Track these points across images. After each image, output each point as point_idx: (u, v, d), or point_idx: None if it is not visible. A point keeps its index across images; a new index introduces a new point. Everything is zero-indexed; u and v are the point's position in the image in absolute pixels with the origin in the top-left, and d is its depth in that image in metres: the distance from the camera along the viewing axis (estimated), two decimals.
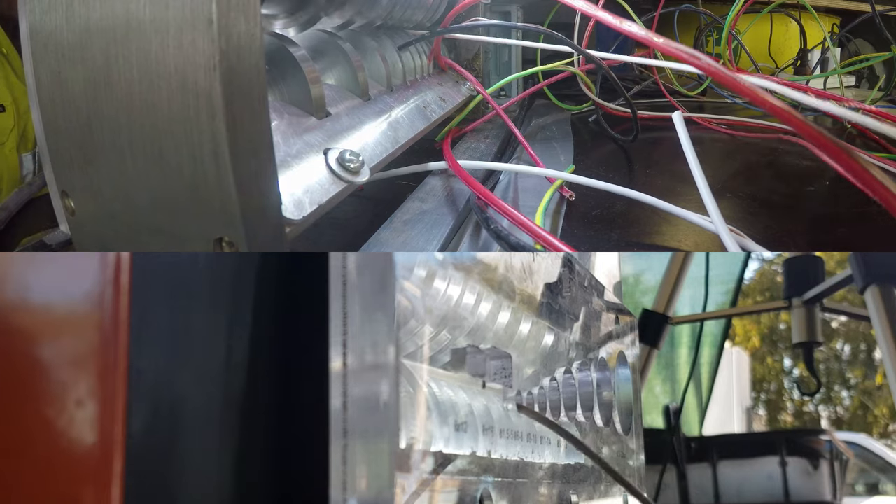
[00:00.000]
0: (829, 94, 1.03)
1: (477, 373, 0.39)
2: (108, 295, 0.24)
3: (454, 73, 0.87)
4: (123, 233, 0.33)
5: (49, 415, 0.24)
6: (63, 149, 0.33)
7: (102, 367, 0.24)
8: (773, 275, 1.49)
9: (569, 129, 0.98)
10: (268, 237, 0.32)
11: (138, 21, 0.28)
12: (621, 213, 0.59)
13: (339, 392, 0.29)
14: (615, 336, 0.66)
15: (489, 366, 0.39)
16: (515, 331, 0.47)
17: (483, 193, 0.54)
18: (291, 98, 0.47)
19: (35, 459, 0.24)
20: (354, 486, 0.29)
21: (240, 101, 0.28)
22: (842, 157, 0.23)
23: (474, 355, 0.39)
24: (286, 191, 0.36)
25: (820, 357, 5.01)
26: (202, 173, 0.29)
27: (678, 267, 1.32)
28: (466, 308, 0.40)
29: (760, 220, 0.61)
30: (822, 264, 1.25)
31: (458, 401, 0.37)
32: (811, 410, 5.86)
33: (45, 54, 0.31)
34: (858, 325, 5.06)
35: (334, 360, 0.30)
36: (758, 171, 0.82)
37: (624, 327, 0.70)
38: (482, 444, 0.38)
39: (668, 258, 1.34)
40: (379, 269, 0.30)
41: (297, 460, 0.31)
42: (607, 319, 0.65)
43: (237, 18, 0.27)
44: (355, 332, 0.30)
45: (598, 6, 0.38)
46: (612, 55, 0.83)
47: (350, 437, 0.29)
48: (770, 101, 0.27)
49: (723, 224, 0.43)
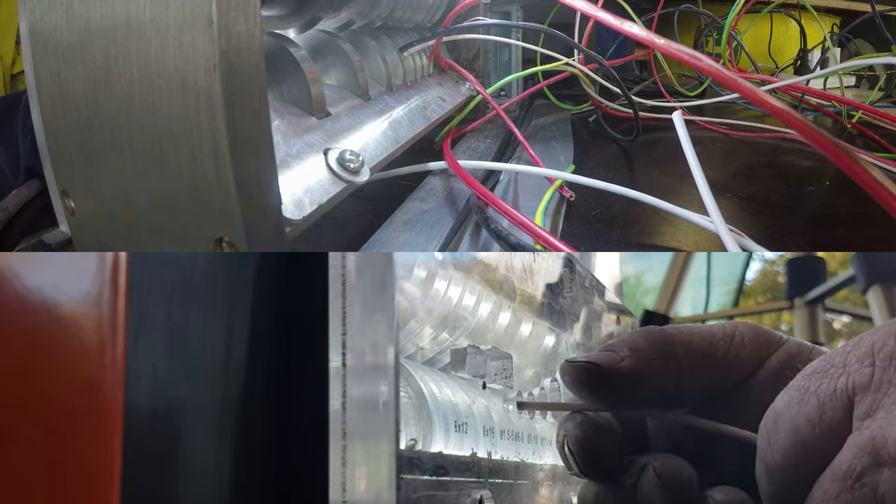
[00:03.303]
0: (829, 95, 1.03)
1: (477, 373, 0.39)
2: (105, 295, 0.24)
3: (454, 73, 0.87)
4: (123, 233, 0.33)
5: (48, 415, 0.24)
6: (63, 149, 0.33)
7: (100, 368, 0.24)
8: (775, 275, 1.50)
9: (569, 129, 0.98)
10: (268, 237, 0.32)
11: (138, 21, 0.28)
12: (621, 213, 0.59)
13: (338, 393, 0.29)
14: (616, 337, 0.66)
15: (490, 366, 0.39)
16: (516, 331, 0.47)
17: (483, 193, 0.54)
18: (291, 98, 0.47)
19: (34, 459, 0.24)
20: (353, 487, 0.29)
21: (240, 101, 0.28)
22: (842, 158, 0.23)
23: (475, 356, 0.39)
24: (286, 191, 0.36)
25: None
26: (202, 173, 0.29)
27: (680, 267, 1.32)
28: (467, 308, 0.40)
29: (760, 220, 0.60)
30: (825, 265, 1.25)
31: (458, 401, 0.37)
32: None
33: (45, 54, 0.31)
34: (861, 326, 5.05)
35: (333, 361, 0.30)
36: (758, 171, 0.82)
37: (625, 328, 0.70)
38: (483, 445, 0.38)
39: (669, 259, 1.34)
40: (379, 270, 0.30)
41: (296, 461, 0.31)
42: (608, 320, 0.65)
43: (237, 18, 0.27)
44: (355, 332, 0.30)
45: (597, 6, 0.38)
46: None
47: (349, 438, 0.29)
48: (770, 102, 0.26)
49: (723, 224, 0.43)
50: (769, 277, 1.68)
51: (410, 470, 0.29)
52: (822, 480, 0.18)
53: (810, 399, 0.19)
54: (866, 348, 0.19)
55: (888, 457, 0.17)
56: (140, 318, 0.25)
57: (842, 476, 0.17)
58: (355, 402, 0.29)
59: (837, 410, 0.18)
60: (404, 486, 0.29)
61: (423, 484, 0.30)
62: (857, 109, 1.01)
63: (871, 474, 0.17)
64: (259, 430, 0.30)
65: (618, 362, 0.22)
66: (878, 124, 0.98)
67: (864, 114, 1.00)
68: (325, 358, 0.30)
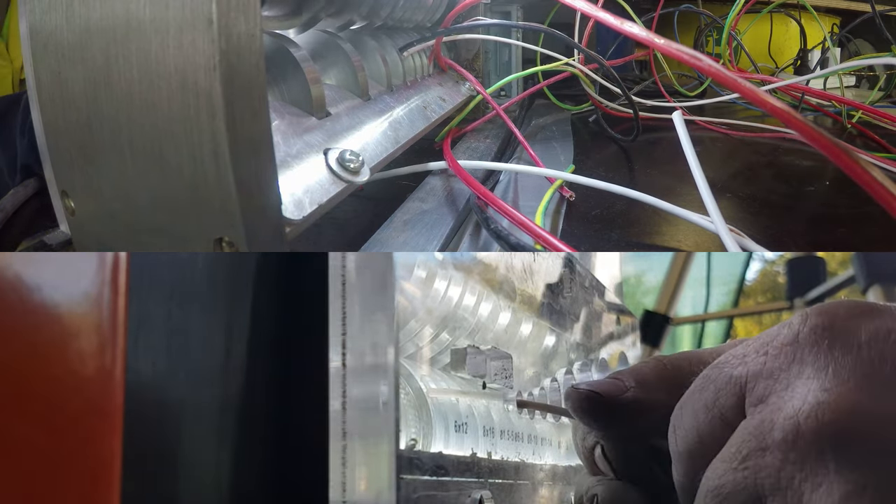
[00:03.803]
0: (829, 95, 1.03)
1: (477, 373, 0.39)
2: (105, 295, 0.24)
3: (454, 73, 0.87)
4: (123, 233, 0.33)
5: (48, 415, 0.24)
6: (63, 149, 0.33)
7: (100, 368, 0.24)
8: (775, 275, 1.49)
9: (569, 129, 0.98)
10: (268, 237, 0.32)
11: (138, 21, 0.28)
12: (621, 213, 0.59)
13: (338, 393, 0.29)
14: (616, 337, 0.66)
15: (489, 366, 0.39)
16: (516, 331, 0.47)
17: (483, 193, 0.54)
18: (291, 98, 0.47)
19: (34, 459, 0.24)
20: (353, 487, 0.29)
21: (240, 101, 0.28)
22: (842, 159, 0.23)
23: (475, 356, 0.39)
24: (286, 191, 0.36)
25: None
26: (202, 173, 0.29)
27: (680, 267, 1.32)
28: (467, 308, 0.40)
29: (760, 220, 0.60)
30: (825, 265, 1.25)
31: (457, 401, 0.37)
32: None
33: (45, 54, 0.31)
34: None
35: (333, 361, 0.30)
36: (758, 171, 0.82)
37: (625, 328, 0.70)
38: (483, 445, 0.38)
39: (669, 259, 1.34)
40: (379, 270, 0.30)
41: (296, 461, 0.31)
42: (608, 320, 0.65)
43: (237, 18, 0.27)
44: (355, 332, 0.30)
45: (597, 6, 0.38)
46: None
47: (349, 439, 0.29)
48: (771, 103, 0.26)
49: (723, 224, 0.43)
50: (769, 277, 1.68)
51: (410, 470, 0.29)
52: (714, 461, 0.19)
53: (708, 387, 0.20)
54: (763, 339, 0.19)
55: (772, 441, 0.17)
56: (140, 318, 0.25)
57: (729, 457, 0.18)
58: (355, 402, 0.29)
59: (730, 398, 0.19)
60: (404, 486, 0.29)
61: (423, 484, 0.30)
62: (857, 109, 1.01)
63: (755, 457, 0.17)
64: (259, 430, 0.30)
65: (622, 392, 0.22)
66: (878, 124, 0.98)
67: (864, 114, 1.00)
68: (324, 358, 0.30)
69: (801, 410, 0.17)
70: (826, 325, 0.18)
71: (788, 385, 0.18)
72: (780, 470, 0.17)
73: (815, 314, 0.19)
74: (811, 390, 0.17)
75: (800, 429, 0.17)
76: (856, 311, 0.18)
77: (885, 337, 0.18)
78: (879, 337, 0.18)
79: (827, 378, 0.17)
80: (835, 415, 0.17)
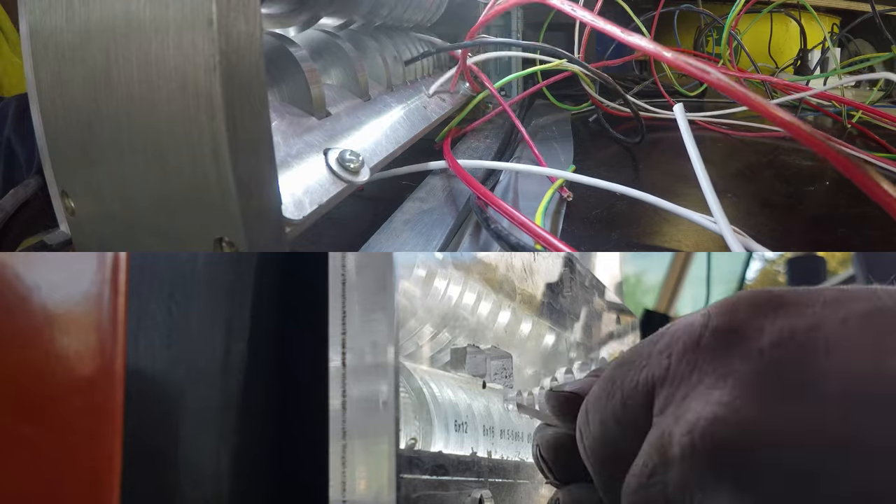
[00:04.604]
0: (829, 95, 1.03)
1: (477, 373, 0.39)
2: (105, 295, 0.24)
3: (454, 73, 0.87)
4: (123, 233, 0.33)
5: (48, 415, 0.24)
6: (63, 149, 0.33)
7: (100, 367, 0.24)
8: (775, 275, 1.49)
9: (569, 129, 0.98)
10: (268, 237, 0.32)
11: (138, 21, 0.28)
12: (622, 213, 0.59)
13: (338, 392, 0.29)
14: (616, 336, 0.66)
15: (489, 366, 0.39)
16: (516, 330, 0.47)
17: (483, 193, 0.54)
18: (291, 98, 0.47)
19: (34, 459, 0.24)
20: (353, 486, 0.29)
21: (240, 101, 0.28)
22: (858, 175, 0.23)
23: (474, 355, 0.39)
24: (286, 191, 0.36)
25: None
26: (202, 173, 0.29)
27: (680, 267, 1.32)
28: (466, 308, 0.40)
29: (761, 220, 0.60)
30: (825, 264, 1.25)
31: (457, 401, 0.37)
32: None
33: (45, 54, 0.31)
34: None
35: (333, 360, 0.30)
36: (758, 171, 0.82)
37: (625, 327, 0.70)
38: (482, 444, 0.38)
39: (669, 258, 1.34)
40: (378, 269, 0.30)
41: (296, 461, 0.31)
42: (608, 319, 0.65)
43: (237, 18, 0.27)
44: (354, 331, 0.30)
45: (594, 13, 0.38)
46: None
47: (349, 438, 0.29)
48: (782, 117, 0.26)
49: (727, 224, 0.43)
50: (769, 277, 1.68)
51: (410, 469, 0.30)
52: (628, 475, 0.18)
53: (616, 393, 0.19)
54: (668, 339, 0.18)
55: (673, 457, 0.16)
56: (140, 317, 0.25)
57: (639, 472, 0.17)
58: (355, 401, 0.29)
59: (638, 408, 0.18)
60: (404, 486, 0.29)
61: (423, 483, 0.30)
62: (857, 109, 1.01)
63: (660, 473, 0.17)
64: (259, 430, 0.30)
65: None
66: (878, 124, 0.98)
67: (864, 114, 1.00)
68: (324, 357, 0.30)
69: (697, 426, 0.16)
70: (727, 327, 0.17)
71: (687, 395, 0.17)
72: (685, 488, 0.16)
73: (717, 314, 0.18)
74: (708, 403, 0.16)
75: (695, 446, 0.16)
76: (759, 309, 0.17)
77: (787, 339, 0.16)
78: (782, 340, 0.17)
79: (726, 389, 0.16)
80: (731, 430, 0.16)
